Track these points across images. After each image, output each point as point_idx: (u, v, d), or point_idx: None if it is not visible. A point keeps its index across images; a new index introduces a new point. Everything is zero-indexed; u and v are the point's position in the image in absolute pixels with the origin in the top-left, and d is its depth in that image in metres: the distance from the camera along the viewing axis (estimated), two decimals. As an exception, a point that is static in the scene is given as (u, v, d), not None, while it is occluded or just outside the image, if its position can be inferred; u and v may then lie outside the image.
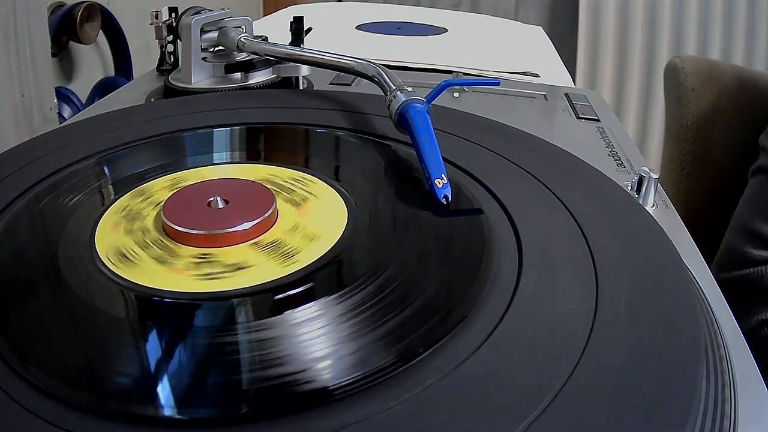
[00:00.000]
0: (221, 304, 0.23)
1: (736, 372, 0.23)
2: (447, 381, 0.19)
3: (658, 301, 0.23)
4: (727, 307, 0.28)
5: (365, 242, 0.27)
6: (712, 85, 0.73)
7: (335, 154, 0.37)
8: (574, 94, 0.55)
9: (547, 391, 0.19)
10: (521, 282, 0.24)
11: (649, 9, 1.56)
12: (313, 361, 0.20)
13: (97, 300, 0.23)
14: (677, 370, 0.20)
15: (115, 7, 1.08)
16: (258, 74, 0.49)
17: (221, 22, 0.50)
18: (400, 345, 0.21)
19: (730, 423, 0.21)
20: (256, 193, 0.29)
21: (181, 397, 0.19)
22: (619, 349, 0.21)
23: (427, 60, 0.63)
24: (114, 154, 0.35)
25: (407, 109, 0.33)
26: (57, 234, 0.27)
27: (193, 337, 0.22)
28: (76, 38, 0.96)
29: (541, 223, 0.28)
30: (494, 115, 0.41)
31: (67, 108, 0.93)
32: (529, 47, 0.77)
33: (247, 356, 0.21)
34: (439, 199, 0.29)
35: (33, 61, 0.69)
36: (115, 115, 0.41)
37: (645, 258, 0.26)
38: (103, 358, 0.21)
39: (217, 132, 0.38)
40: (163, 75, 0.56)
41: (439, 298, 0.23)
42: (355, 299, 0.23)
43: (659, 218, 0.33)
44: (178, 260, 0.25)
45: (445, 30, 0.81)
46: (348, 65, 0.43)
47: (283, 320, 0.22)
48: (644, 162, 0.41)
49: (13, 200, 0.30)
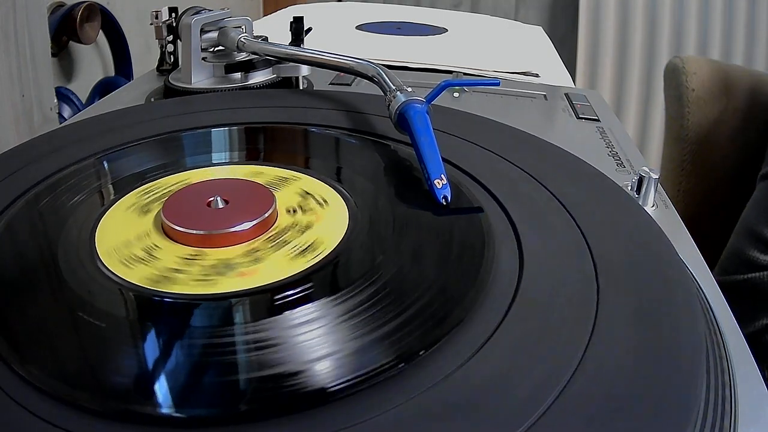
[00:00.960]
0: (221, 305, 0.23)
1: (736, 372, 0.23)
2: (447, 382, 0.19)
3: (658, 301, 0.23)
4: (728, 307, 0.28)
5: (365, 243, 0.27)
6: (712, 85, 0.73)
7: (335, 155, 0.37)
8: (574, 94, 0.55)
9: (548, 392, 0.19)
10: (521, 282, 0.24)
11: (649, 9, 1.56)
12: (312, 362, 0.20)
13: (97, 300, 0.23)
14: (677, 370, 0.20)
15: (115, 7, 1.08)
16: (258, 74, 0.50)
17: (221, 22, 0.50)
18: (400, 346, 0.21)
19: (730, 423, 0.21)
20: (256, 193, 0.29)
21: (181, 397, 0.19)
22: (620, 349, 0.21)
23: (427, 60, 0.63)
24: (114, 154, 0.35)
25: (407, 110, 0.33)
26: (57, 234, 0.27)
27: (192, 337, 0.22)
28: (76, 38, 0.96)
29: (541, 224, 0.28)
30: (494, 115, 0.41)
31: (67, 108, 0.93)
32: (529, 47, 0.77)
33: (246, 357, 0.21)
34: (439, 200, 0.29)
35: (33, 61, 0.69)
36: (115, 115, 0.41)
37: (645, 258, 0.26)
38: (102, 357, 0.21)
39: (216, 132, 0.38)
40: (163, 75, 0.56)
41: (438, 298, 0.23)
42: (354, 300, 0.23)
43: (659, 218, 0.33)
44: (177, 260, 0.25)
45: (445, 30, 0.81)
46: (348, 65, 0.43)
47: (282, 321, 0.22)
48: (644, 162, 0.41)
49: (13, 200, 0.30)
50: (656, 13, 1.56)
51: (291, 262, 0.25)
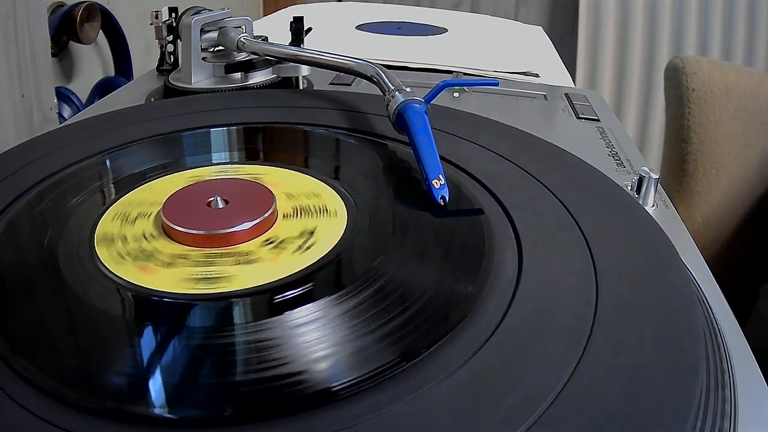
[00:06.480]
0: (220, 305, 0.23)
1: (736, 372, 0.23)
2: (447, 382, 0.19)
3: (658, 301, 0.23)
4: (728, 307, 0.28)
5: (365, 243, 0.27)
6: (712, 85, 0.73)
7: (335, 155, 0.37)
8: (574, 94, 0.55)
9: (548, 392, 0.19)
10: (521, 283, 0.24)
11: (649, 9, 1.56)
12: (312, 362, 0.20)
13: (97, 300, 0.23)
14: (677, 370, 0.20)
15: (115, 7, 1.07)
16: (258, 74, 0.49)
17: (221, 22, 0.50)
18: (401, 345, 0.21)
19: (730, 423, 0.21)
20: (256, 193, 0.29)
21: (180, 397, 0.19)
22: (619, 349, 0.21)
23: (427, 60, 0.63)
24: (114, 154, 0.35)
25: (405, 110, 0.33)
26: (57, 234, 0.27)
27: (192, 337, 0.22)
28: (76, 38, 0.96)
29: (541, 224, 0.28)
30: (494, 115, 0.41)
31: (67, 108, 0.93)
32: (529, 47, 0.77)
33: (245, 357, 0.21)
34: (437, 200, 0.29)
35: (33, 61, 0.69)
36: (115, 115, 0.41)
37: (645, 258, 0.26)
38: (102, 357, 0.21)
39: (216, 132, 0.38)
40: (163, 75, 0.56)
41: (439, 298, 0.23)
42: (354, 300, 0.23)
43: (659, 218, 0.33)
44: (177, 259, 0.25)
45: (445, 30, 0.81)
46: (347, 65, 0.43)
47: (282, 321, 0.22)
48: (644, 162, 0.41)
49: (13, 200, 0.30)
50: (656, 13, 1.56)
51: (291, 262, 0.25)
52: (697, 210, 0.75)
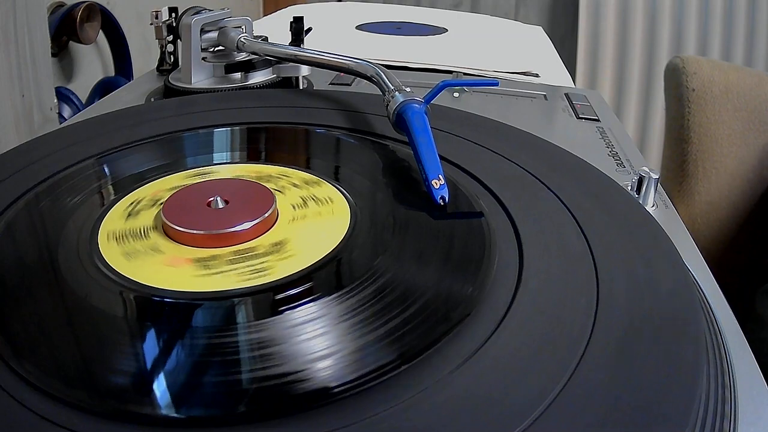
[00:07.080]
0: (221, 304, 0.23)
1: (736, 372, 0.23)
2: (447, 382, 0.19)
3: (659, 301, 0.23)
4: (728, 307, 0.28)
5: (365, 243, 0.27)
6: (712, 85, 0.73)
7: (336, 155, 0.37)
8: (574, 94, 0.55)
9: (548, 391, 0.19)
10: (521, 283, 0.24)
11: (649, 9, 1.56)
12: (312, 362, 0.20)
13: (97, 300, 0.23)
14: (677, 371, 0.20)
15: (115, 7, 1.08)
16: (258, 74, 0.50)
17: (221, 22, 0.50)
18: (400, 345, 0.21)
19: (730, 423, 0.21)
20: (256, 193, 0.29)
21: (183, 397, 0.19)
22: (620, 349, 0.21)
23: (427, 60, 0.63)
24: (114, 154, 0.35)
25: (405, 110, 0.33)
26: (57, 234, 0.27)
27: (194, 337, 0.22)
28: (76, 38, 0.96)
29: (542, 224, 0.28)
30: (494, 115, 0.41)
31: (67, 108, 0.93)
32: (529, 47, 0.77)
33: (247, 356, 0.21)
34: (436, 200, 0.29)
35: (33, 61, 0.69)
36: (115, 115, 0.41)
37: (645, 258, 0.26)
38: (103, 357, 0.21)
39: (217, 132, 0.38)
40: (163, 75, 0.56)
41: (439, 299, 0.23)
42: (354, 300, 0.23)
43: (659, 218, 0.33)
44: (177, 260, 0.25)
45: (445, 30, 0.81)
46: (347, 65, 0.43)
47: (282, 321, 0.22)
48: (644, 162, 0.41)
49: (13, 201, 0.30)
50: (656, 13, 1.56)
51: (290, 262, 0.25)
52: (697, 210, 0.74)
